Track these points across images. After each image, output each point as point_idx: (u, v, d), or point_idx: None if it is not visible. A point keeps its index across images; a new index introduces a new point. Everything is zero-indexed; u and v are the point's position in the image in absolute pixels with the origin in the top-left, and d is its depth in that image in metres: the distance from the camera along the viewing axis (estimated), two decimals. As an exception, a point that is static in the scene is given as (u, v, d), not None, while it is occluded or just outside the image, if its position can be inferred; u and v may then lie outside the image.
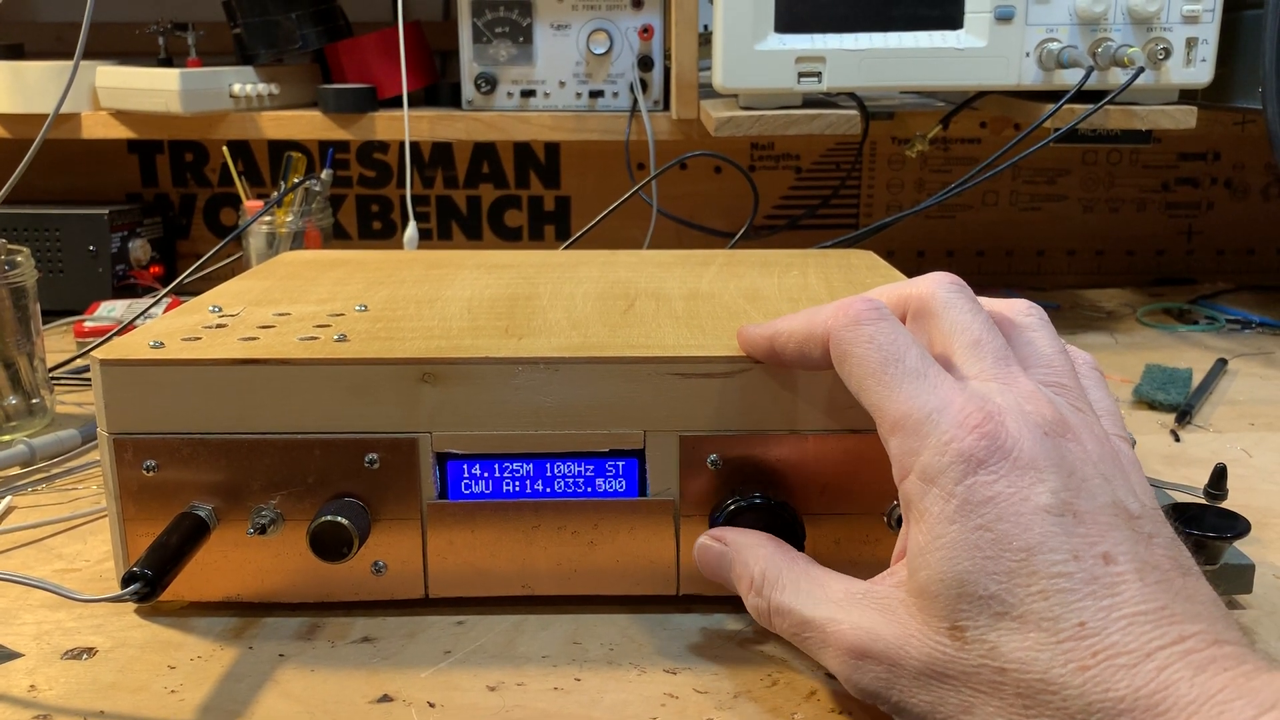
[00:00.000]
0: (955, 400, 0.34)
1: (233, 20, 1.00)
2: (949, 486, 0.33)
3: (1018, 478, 0.32)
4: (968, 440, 0.33)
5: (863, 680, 0.35)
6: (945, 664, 0.32)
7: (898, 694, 0.34)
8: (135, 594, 0.38)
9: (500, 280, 0.57)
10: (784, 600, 0.38)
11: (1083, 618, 0.31)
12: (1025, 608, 0.31)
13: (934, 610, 0.33)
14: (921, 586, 0.33)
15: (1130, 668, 0.29)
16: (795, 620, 0.37)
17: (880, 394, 0.35)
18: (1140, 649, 0.30)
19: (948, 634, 0.32)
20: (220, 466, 0.43)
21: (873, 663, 0.34)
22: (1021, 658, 0.31)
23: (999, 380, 0.35)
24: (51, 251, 0.99)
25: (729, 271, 0.59)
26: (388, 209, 1.13)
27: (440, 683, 0.40)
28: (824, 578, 0.38)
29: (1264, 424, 0.69)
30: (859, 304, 0.37)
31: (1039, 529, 0.32)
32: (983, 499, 0.32)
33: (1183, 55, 0.80)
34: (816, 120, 0.81)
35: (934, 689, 0.33)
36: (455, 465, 0.44)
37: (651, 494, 0.44)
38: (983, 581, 0.32)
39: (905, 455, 0.34)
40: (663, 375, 0.43)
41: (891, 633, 0.34)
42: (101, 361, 0.43)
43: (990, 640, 0.32)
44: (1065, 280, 1.14)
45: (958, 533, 0.32)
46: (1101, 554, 0.31)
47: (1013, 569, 0.32)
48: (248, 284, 0.57)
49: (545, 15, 0.95)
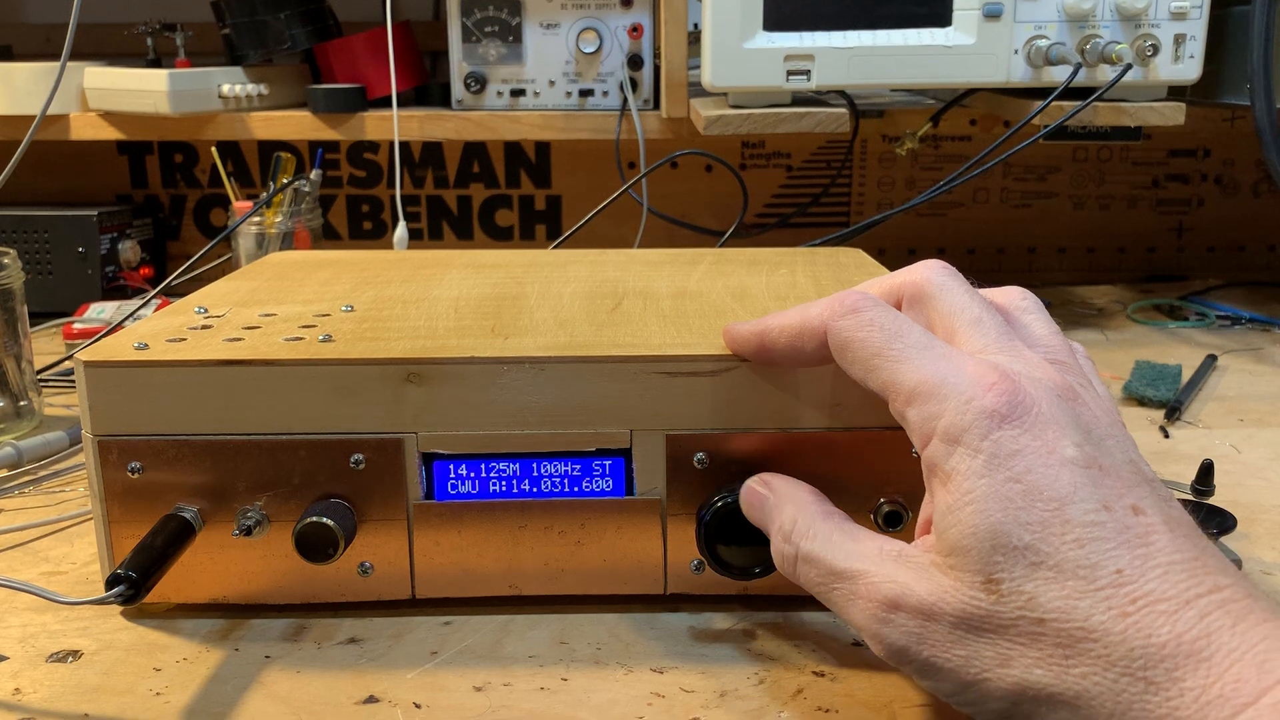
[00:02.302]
0: (968, 365, 0.34)
1: (221, 21, 1.00)
2: (975, 443, 0.33)
3: (1042, 431, 0.32)
4: (988, 398, 0.33)
5: (891, 635, 0.34)
6: (982, 617, 0.32)
7: (929, 650, 0.33)
8: (120, 596, 0.38)
9: (488, 280, 0.57)
10: (813, 549, 0.37)
11: (1119, 565, 0.30)
12: (1061, 556, 0.31)
13: (967, 565, 0.32)
14: (953, 544, 0.33)
15: (1171, 614, 0.29)
16: (824, 570, 0.36)
17: (891, 369, 0.35)
18: (1179, 596, 0.30)
19: (982, 587, 0.32)
20: (205, 468, 0.43)
21: (905, 616, 0.33)
22: (1060, 606, 0.31)
23: (1005, 352, 0.35)
24: (40, 253, 0.99)
25: (717, 270, 0.59)
26: (378, 209, 1.13)
27: (426, 683, 0.40)
28: (858, 533, 0.37)
29: (1253, 420, 0.69)
30: (853, 295, 0.37)
31: (1068, 479, 0.32)
32: (1010, 452, 0.32)
33: (1171, 52, 0.80)
34: (806, 118, 0.81)
35: (969, 643, 0.32)
36: (441, 465, 0.44)
37: (638, 493, 0.44)
38: (1016, 532, 0.31)
39: (925, 421, 0.34)
40: (649, 374, 0.43)
41: (925, 589, 0.33)
42: (85, 363, 0.43)
43: (1027, 590, 0.31)
44: (1056, 277, 1.14)
45: (987, 486, 0.32)
46: (1130, 505, 0.32)
47: (1046, 519, 0.31)
48: (234, 285, 0.57)
49: (534, 14, 0.94)
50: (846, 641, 0.43)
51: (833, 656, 0.42)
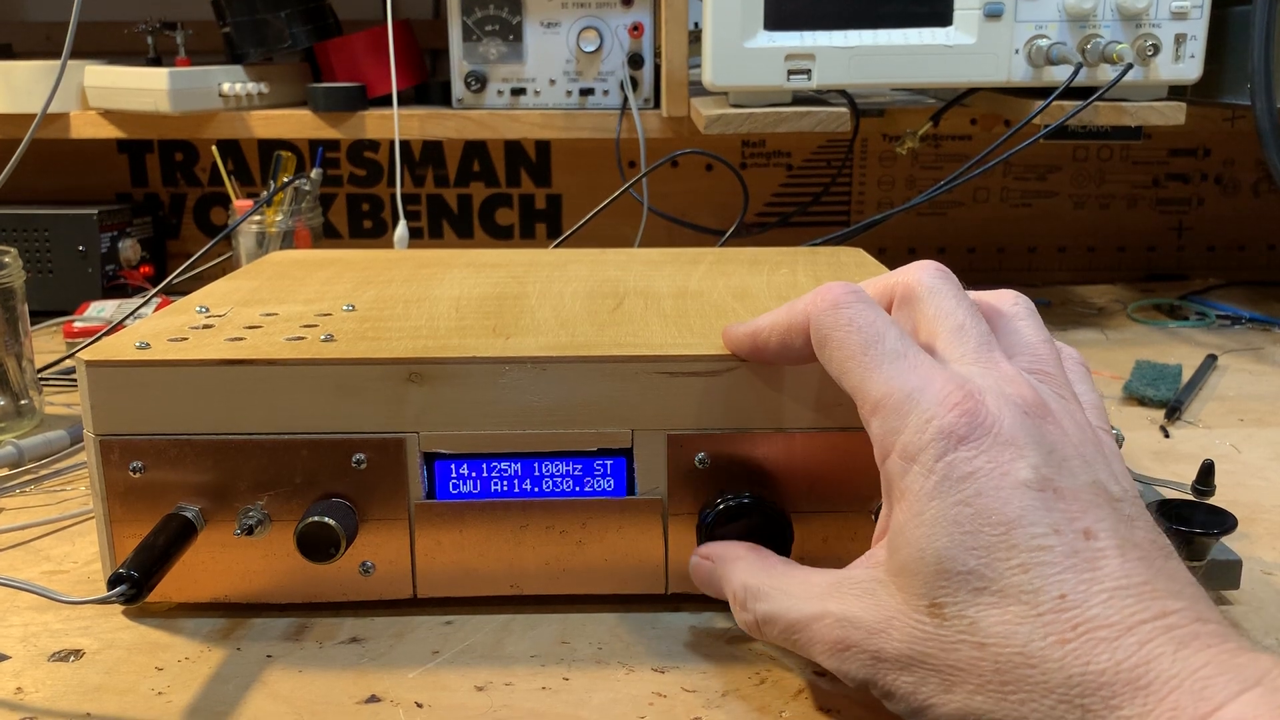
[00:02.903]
0: (936, 380, 0.34)
1: (221, 19, 1.00)
2: (929, 463, 0.33)
3: (998, 453, 0.32)
4: (948, 417, 0.33)
5: (851, 669, 0.34)
6: (924, 643, 0.32)
7: (883, 678, 0.33)
8: (122, 595, 0.38)
9: (489, 279, 0.57)
10: (768, 609, 0.37)
11: (1063, 590, 0.30)
12: (1005, 581, 0.31)
13: (913, 588, 0.33)
14: (901, 565, 0.33)
15: (1111, 641, 0.29)
16: (782, 626, 0.37)
17: (861, 376, 0.35)
18: (1121, 622, 0.29)
19: (927, 612, 0.32)
20: (207, 467, 0.43)
21: (856, 651, 0.34)
22: (1001, 632, 0.31)
23: (980, 364, 0.35)
24: (41, 252, 0.99)
25: (718, 270, 0.59)
26: (378, 208, 1.13)
27: (428, 683, 0.40)
28: (803, 576, 0.38)
29: (1253, 419, 0.69)
30: (837, 288, 0.37)
31: (1019, 503, 0.31)
32: (963, 474, 0.32)
33: (1172, 51, 0.80)
34: (806, 118, 0.81)
35: (915, 670, 0.32)
36: (443, 465, 0.44)
37: (640, 493, 0.44)
38: (961, 557, 0.31)
39: (886, 435, 0.34)
40: (650, 374, 0.43)
41: (872, 617, 0.34)
42: (87, 363, 0.43)
43: (969, 615, 0.31)
44: (1056, 277, 1.14)
45: (938, 509, 0.32)
46: (1083, 529, 0.31)
47: (992, 543, 0.31)
48: (235, 284, 0.57)
49: (535, 13, 0.94)
50: (847, 641, 0.43)
51: (834, 656, 0.42)
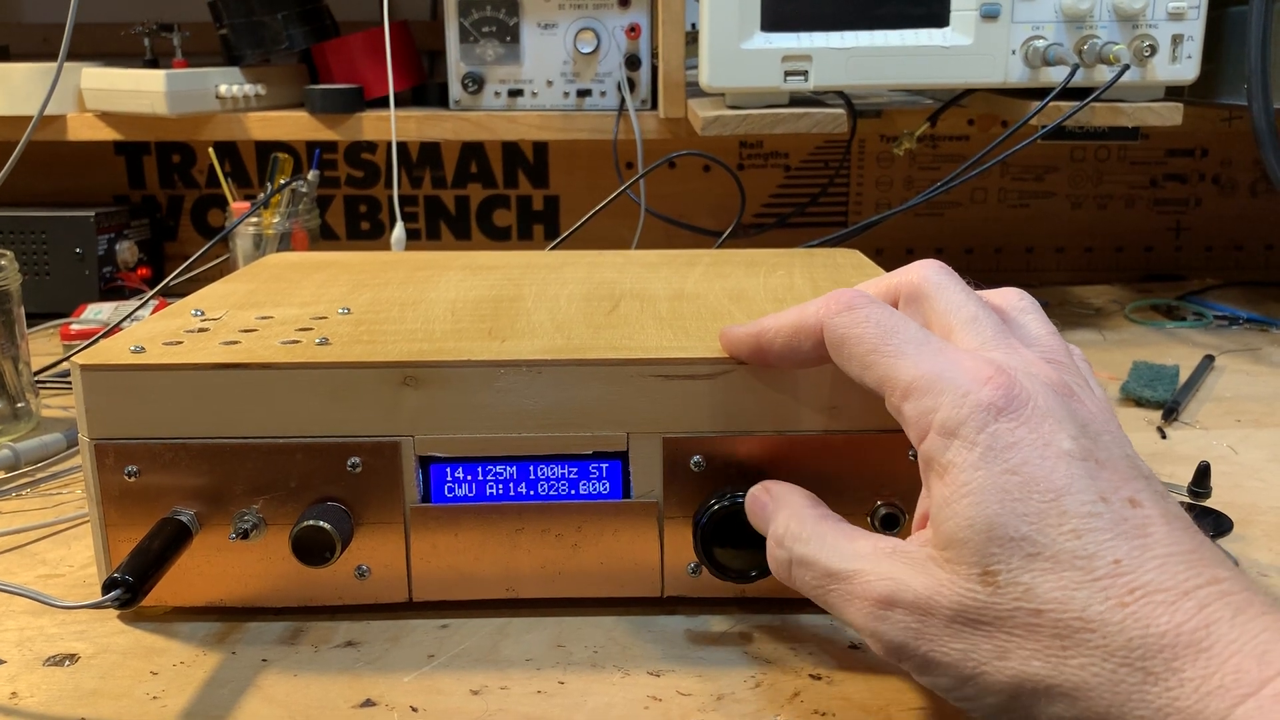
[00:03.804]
0: (964, 360, 0.34)
1: (219, 21, 1.00)
2: (971, 436, 0.33)
3: (1038, 423, 0.32)
4: (984, 390, 0.33)
5: (889, 632, 0.34)
6: (979, 610, 0.32)
7: (927, 644, 0.33)
8: (116, 600, 0.38)
9: (485, 282, 0.57)
10: (807, 552, 0.37)
11: (1117, 555, 0.30)
12: (1058, 547, 0.31)
13: (964, 557, 0.32)
14: (949, 536, 0.33)
15: (1170, 605, 0.29)
16: (819, 571, 0.36)
17: (888, 364, 0.35)
18: (1177, 587, 0.30)
19: (979, 579, 0.32)
20: (202, 471, 0.43)
21: (901, 612, 0.33)
22: (1058, 597, 0.31)
23: (1001, 349, 0.35)
24: (38, 254, 0.99)
25: (714, 272, 0.59)
26: (376, 209, 1.13)
27: (423, 687, 0.40)
28: (852, 532, 0.37)
29: (1250, 420, 0.69)
30: (848, 293, 0.37)
31: (1065, 471, 0.32)
32: (1006, 444, 0.32)
33: (1168, 52, 0.80)
34: (803, 119, 0.81)
35: (966, 636, 0.32)
36: (438, 468, 0.44)
37: (635, 496, 0.44)
38: (1013, 523, 0.31)
39: (921, 416, 0.34)
40: (646, 377, 0.43)
41: (921, 583, 0.33)
42: (82, 367, 0.43)
43: (1024, 582, 0.31)
44: (1054, 277, 1.14)
45: (984, 478, 0.32)
46: (1127, 498, 0.32)
47: (1043, 510, 0.31)
48: (231, 287, 0.57)
49: (532, 14, 0.94)
50: (844, 645, 0.43)
51: (830, 659, 0.42)
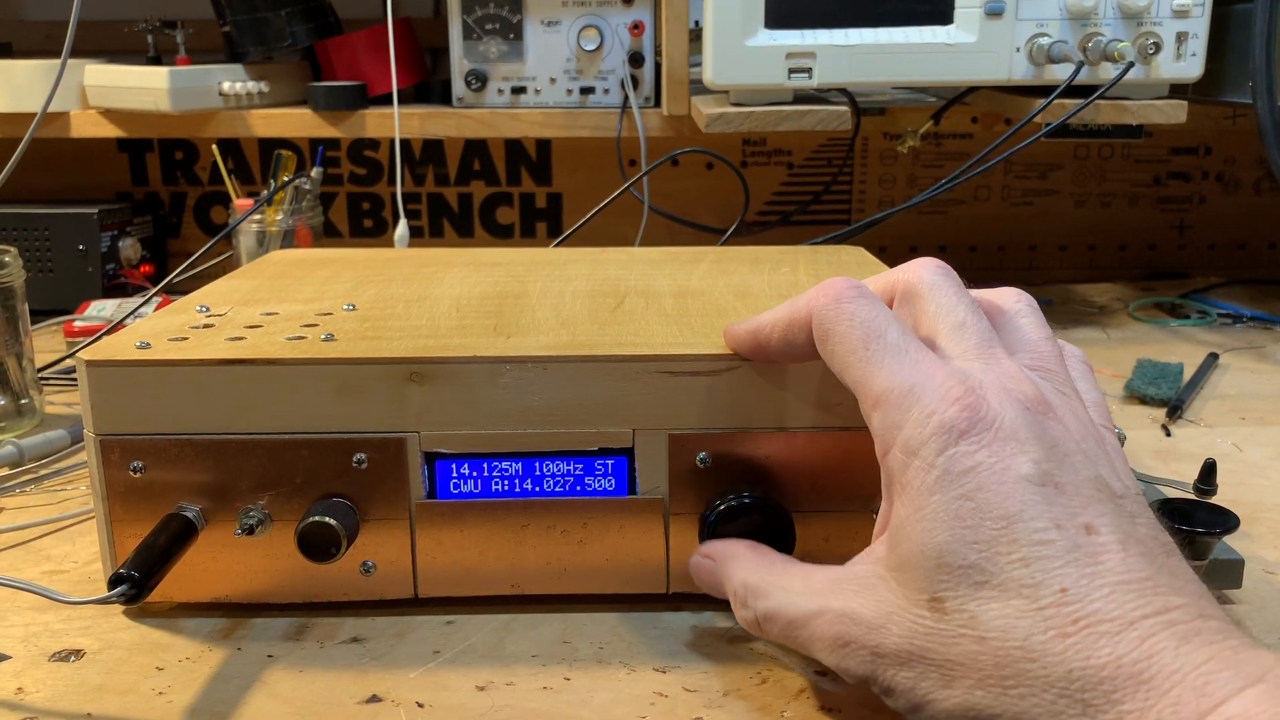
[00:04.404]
0: (937, 375, 0.34)
1: (222, 18, 1.00)
2: (930, 458, 0.33)
3: (999, 448, 0.32)
4: (949, 412, 0.33)
5: (852, 666, 0.34)
6: (924, 638, 0.32)
7: (883, 673, 0.33)
8: (122, 595, 0.38)
9: (489, 278, 0.57)
10: (768, 606, 0.37)
11: (1064, 584, 0.30)
12: (1005, 575, 0.31)
13: (914, 583, 0.32)
14: (902, 560, 0.33)
15: (1113, 635, 0.29)
16: (782, 623, 0.37)
17: (862, 370, 0.35)
18: (1123, 617, 0.29)
19: (927, 606, 0.32)
20: (207, 467, 0.43)
21: (856, 647, 0.34)
22: (1001, 625, 0.30)
23: (982, 360, 0.35)
24: (41, 251, 0.99)
25: (719, 269, 0.59)
26: (379, 207, 1.13)
27: (429, 683, 0.40)
28: (803, 573, 0.38)
29: (1255, 418, 0.69)
30: (840, 283, 0.37)
31: (1020, 497, 0.31)
32: (964, 469, 0.32)
33: (1173, 50, 0.80)
34: (807, 116, 0.81)
35: (915, 665, 0.32)
36: (444, 465, 0.44)
37: (641, 492, 0.44)
38: (962, 551, 0.31)
39: (887, 430, 0.34)
40: (651, 373, 0.43)
41: (872, 612, 0.33)
42: (87, 362, 0.43)
43: (970, 610, 0.31)
44: (1057, 275, 1.14)
45: (939, 503, 0.32)
46: (1084, 524, 0.31)
47: (993, 537, 0.31)
48: (235, 283, 0.57)
49: (535, 11, 0.94)
50: (849, 641, 0.43)
51: (835, 656, 0.42)
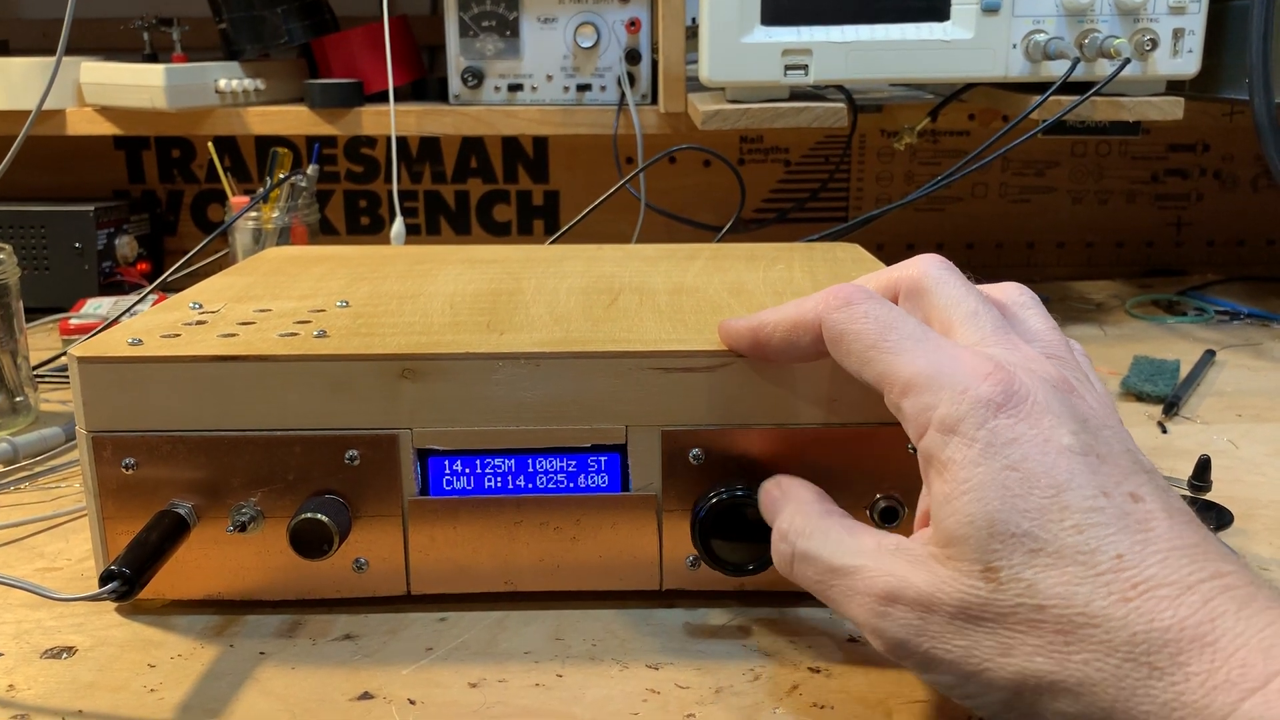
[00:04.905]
0: (963, 356, 0.34)
1: (218, 15, 0.99)
2: (971, 432, 0.32)
3: (1038, 419, 0.32)
4: (983, 387, 0.33)
5: (890, 629, 0.33)
6: (980, 607, 0.32)
7: (929, 641, 0.33)
8: (113, 592, 0.38)
9: (484, 275, 0.57)
10: (810, 547, 0.37)
11: (1119, 550, 0.30)
12: (1060, 542, 0.31)
13: (965, 554, 0.32)
14: (950, 533, 0.33)
15: (1174, 599, 0.29)
16: (821, 567, 0.36)
17: (887, 360, 0.35)
18: (1181, 581, 0.30)
19: (981, 576, 0.32)
20: (200, 464, 0.43)
21: (903, 608, 0.33)
22: (1060, 592, 0.30)
23: (1001, 345, 0.35)
24: (37, 249, 0.99)
25: (714, 265, 0.59)
26: (375, 204, 1.13)
27: (421, 680, 0.40)
28: (857, 529, 0.37)
29: (1251, 415, 0.69)
30: (847, 288, 0.37)
31: (1065, 466, 0.32)
32: (1006, 440, 0.32)
33: (1169, 46, 0.80)
34: (804, 113, 0.81)
35: (969, 633, 0.32)
36: (436, 461, 0.44)
37: (634, 489, 0.44)
38: (1014, 519, 0.31)
39: (920, 412, 0.34)
40: (645, 370, 0.43)
41: (923, 580, 0.33)
42: (79, 359, 0.43)
43: (1026, 578, 0.31)
44: (1054, 272, 1.13)
45: (984, 474, 0.32)
46: (1129, 492, 0.32)
47: (1044, 505, 0.31)
48: (229, 280, 0.56)
49: (532, 9, 0.94)
50: (843, 638, 0.43)
51: (829, 653, 0.42)
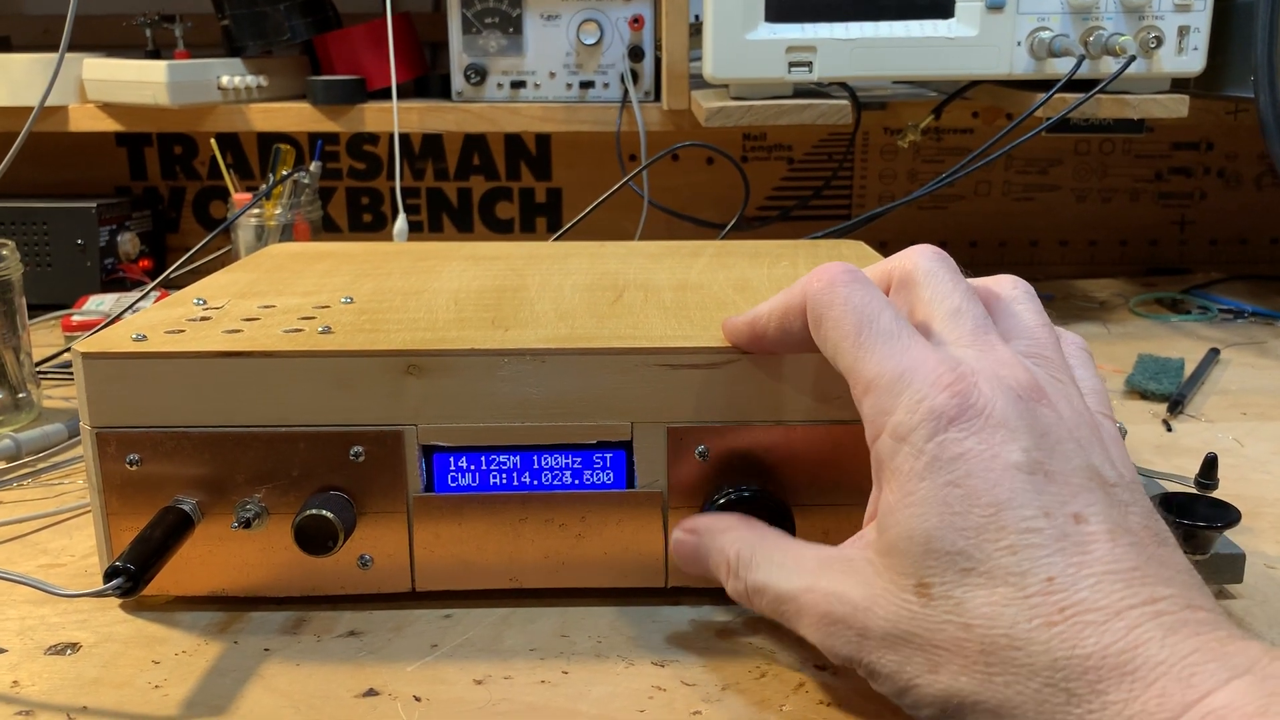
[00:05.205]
0: (928, 361, 0.34)
1: (220, 12, 0.99)
2: (919, 444, 0.32)
3: (989, 435, 0.32)
4: (939, 398, 0.33)
5: (836, 645, 0.34)
6: (910, 622, 0.32)
7: (868, 655, 0.33)
8: (118, 589, 0.38)
9: (488, 272, 0.57)
10: (759, 578, 0.37)
11: (1051, 573, 0.30)
12: (993, 563, 0.31)
13: (901, 568, 0.32)
14: (890, 544, 0.33)
15: (1099, 625, 0.29)
16: (771, 596, 0.37)
17: (854, 356, 0.35)
18: (1110, 606, 0.29)
19: (914, 591, 0.32)
20: (204, 460, 0.43)
21: (843, 627, 0.34)
22: (987, 613, 0.30)
23: (976, 347, 0.35)
24: (39, 245, 0.99)
25: (719, 262, 0.59)
26: (378, 201, 1.13)
27: (427, 676, 0.40)
28: (796, 549, 0.37)
29: (1256, 413, 0.69)
30: (834, 267, 0.37)
31: (1008, 485, 0.31)
32: (953, 455, 0.32)
33: (1174, 44, 0.79)
34: (808, 110, 0.80)
35: (900, 649, 0.32)
36: (441, 458, 0.43)
37: (639, 486, 0.44)
38: (950, 537, 0.31)
39: (877, 415, 0.34)
40: (650, 366, 0.43)
41: (859, 594, 0.33)
42: (84, 354, 0.42)
43: (956, 596, 0.31)
44: (1058, 270, 1.13)
45: (927, 489, 0.32)
46: (1072, 513, 0.31)
47: (981, 524, 0.31)
48: (233, 276, 0.56)
49: (535, 5, 0.94)
50: (848, 635, 0.43)
51: (834, 650, 0.42)
